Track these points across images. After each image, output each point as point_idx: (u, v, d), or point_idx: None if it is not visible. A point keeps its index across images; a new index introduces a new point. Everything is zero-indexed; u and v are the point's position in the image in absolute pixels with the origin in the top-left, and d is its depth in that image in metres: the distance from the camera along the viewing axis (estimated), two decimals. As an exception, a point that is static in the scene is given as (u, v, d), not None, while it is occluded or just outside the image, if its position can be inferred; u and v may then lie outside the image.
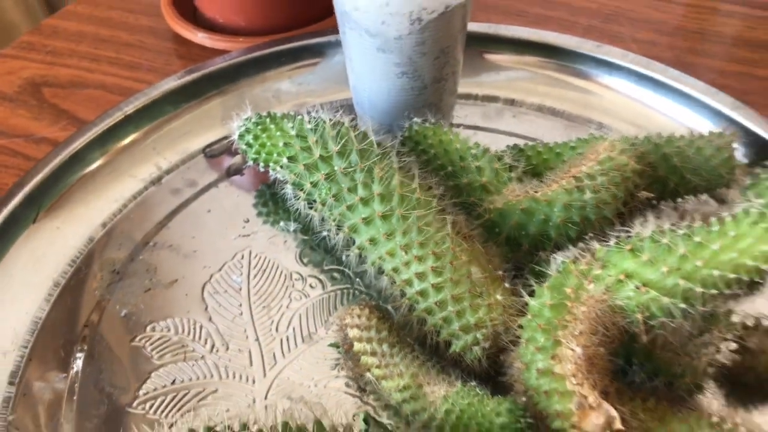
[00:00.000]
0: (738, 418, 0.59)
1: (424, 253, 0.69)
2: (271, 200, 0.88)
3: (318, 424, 0.57)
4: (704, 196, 0.83)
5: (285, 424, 0.57)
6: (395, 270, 0.71)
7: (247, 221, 0.85)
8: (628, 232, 0.63)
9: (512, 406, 0.59)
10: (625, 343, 0.66)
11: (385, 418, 0.68)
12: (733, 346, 0.70)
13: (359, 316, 0.71)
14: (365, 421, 0.55)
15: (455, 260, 0.69)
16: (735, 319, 0.68)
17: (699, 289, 0.59)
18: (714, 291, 0.59)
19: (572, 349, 0.58)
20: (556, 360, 0.58)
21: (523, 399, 0.60)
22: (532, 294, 0.64)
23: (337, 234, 0.75)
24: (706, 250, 0.60)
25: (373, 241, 0.72)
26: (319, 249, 0.82)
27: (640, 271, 0.60)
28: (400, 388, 0.65)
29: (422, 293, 0.69)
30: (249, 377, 0.72)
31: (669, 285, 0.59)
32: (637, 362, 0.67)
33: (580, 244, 0.66)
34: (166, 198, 0.88)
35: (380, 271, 0.73)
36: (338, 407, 0.67)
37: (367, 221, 0.72)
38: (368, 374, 0.68)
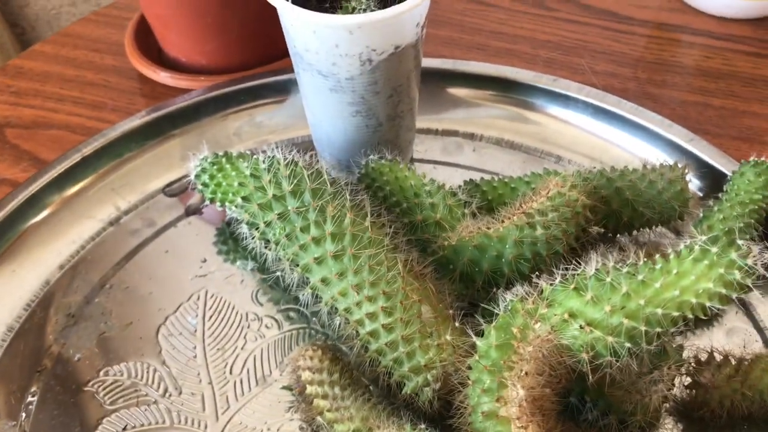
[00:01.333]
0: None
1: (374, 293, 0.69)
2: (230, 239, 0.88)
3: None
4: (660, 228, 0.83)
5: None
6: (347, 310, 0.71)
7: (205, 261, 0.85)
8: (574, 269, 0.63)
9: (459, 448, 0.59)
10: (577, 380, 0.66)
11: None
12: (687, 381, 0.70)
13: (312, 358, 0.70)
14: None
15: (405, 300, 0.68)
16: (687, 353, 0.68)
17: (643, 328, 0.58)
18: (658, 329, 0.59)
19: (516, 392, 0.58)
20: (501, 402, 0.58)
21: (471, 442, 0.60)
22: (481, 334, 0.63)
23: (292, 273, 0.74)
24: (648, 289, 0.60)
25: (325, 281, 0.72)
26: (276, 288, 0.82)
27: (584, 310, 0.60)
28: (351, 431, 0.65)
29: (373, 334, 0.69)
30: (201, 422, 0.71)
31: (613, 324, 0.59)
32: (589, 400, 0.67)
33: (530, 282, 0.66)
34: (124, 238, 0.88)
35: (334, 311, 0.72)
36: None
37: (319, 261, 0.71)
38: (320, 418, 0.67)
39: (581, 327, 0.59)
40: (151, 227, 0.89)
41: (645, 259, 0.62)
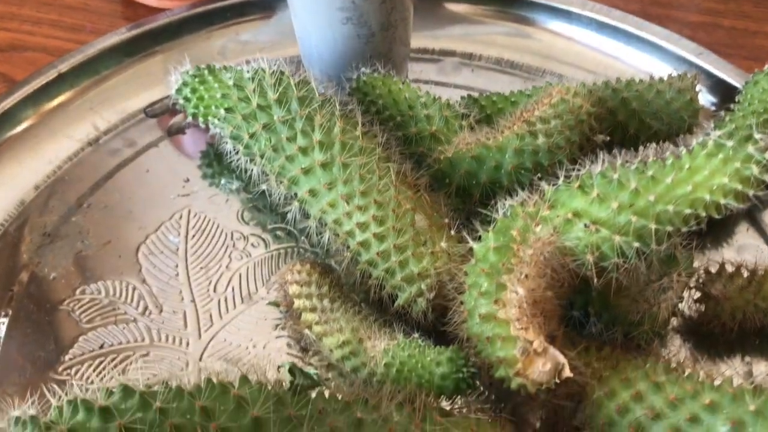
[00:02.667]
0: (699, 365, 0.55)
1: (365, 203, 0.65)
2: (214, 158, 0.83)
3: (243, 379, 0.53)
4: (667, 145, 0.79)
5: (207, 380, 0.52)
6: (337, 222, 0.67)
7: (187, 181, 0.80)
8: (577, 170, 0.59)
9: (453, 355, 0.55)
10: (581, 291, 0.62)
11: (333, 385, 0.64)
12: (696, 294, 0.66)
13: (299, 272, 0.67)
14: (291, 372, 0.51)
15: (398, 208, 0.64)
16: (696, 264, 0.64)
17: (653, 226, 0.55)
18: (669, 228, 0.55)
19: (516, 292, 0.54)
20: (500, 304, 0.54)
21: (467, 347, 0.56)
22: (478, 239, 0.59)
23: (278, 188, 0.70)
24: (659, 185, 0.56)
25: (313, 192, 0.67)
26: (262, 208, 0.78)
27: (590, 209, 0.56)
28: (339, 343, 0.61)
29: (364, 244, 0.65)
30: (183, 340, 0.67)
31: (620, 223, 0.55)
32: (593, 312, 0.63)
33: (530, 188, 0.62)
34: (102, 159, 0.83)
35: (322, 225, 0.68)
36: (277, 368, 0.63)
37: (307, 171, 0.67)
38: (308, 332, 0.63)
39: (586, 226, 0.55)
40: (132, 147, 0.85)
41: (655, 158, 0.58)
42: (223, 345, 0.67)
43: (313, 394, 0.53)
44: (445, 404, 0.57)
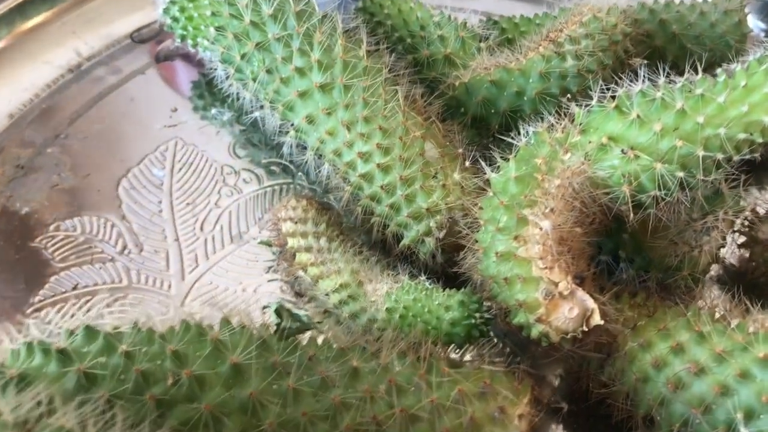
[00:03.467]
0: (750, 315, 0.48)
1: (369, 130, 0.57)
2: (206, 89, 0.76)
3: (223, 321, 0.46)
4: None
5: (183, 323, 0.46)
6: (336, 153, 0.59)
7: (175, 110, 0.73)
8: (614, 90, 0.51)
9: (465, 298, 0.48)
10: (610, 233, 0.54)
11: (327, 329, 0.57)
12: (740, 238, 0.58)
13: (294, 209, 0.59)
14: (277, 313, 0.44)
15: (406, 136, 0.57)
16: (743, 204, 0.57)
17: (700, 153, 0.47)
18: (719, 155, 0.47)
19: (540, 227, 0.46)
20: (520, 241, 0.47)
21: (481, 291, 0.49)
22: (497, 171, 0.52)
23: (272, 116, 0.63)
24: (710, 105, 0.48)
25: (310, 119, 0.60)
26: (256, 141, 0.71)
27: (628, 133, 0.48)
28: (336, 287, 0.54)
29: (366, 176, 0.57)
30: (164, 281, 0.61)
31: (663, 149, 0.47)
32: (624, 256, 0.55)
33: (558, 113, 0.54)
34: (84, 87, 0.76)
35: (321, 157, 0.61)
36: (262, 309, 0.56)
37: (304, 95, 0.60)
38: (302, 274, 0.56)
39: (623, 153, 0.48)
40: (116, 75, 0.77)
41: (704, 75, 0.50)
42: (209, 288, 0.60)
43: (305, 340, 0.46)
44: (455, 355, 0.50)
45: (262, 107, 0.64)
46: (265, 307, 0.45)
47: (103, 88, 0.76)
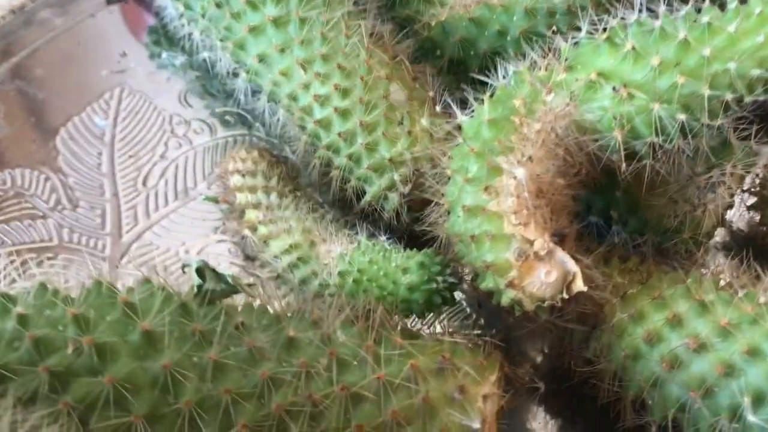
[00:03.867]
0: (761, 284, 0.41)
1: (327, 70, 0.50)
2: (161, 33, 0.68)
3: (143, 283, 0.39)
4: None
5: (94, 283, 0.39)
6: (292, 96, 0.52)
7: (124, 55, 0.66)
8: (605, 22, 0.43)
9: (425, 259, 0.41)
10: (601, 190, 0.47)
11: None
12: (749, 199, 0.51)
13: (244, 161, 0.53)
14: (199, 272, 0.37)
15: (368, 76, 0.50)
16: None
17: (706, 92, 0.40)
18: (728, 95, 0.40)
19: (514, 176, 0.39)
20: (491, 193, 0.40)
21: (446, 251, 0.42)
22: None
23: (223, 54, 0.56)
24: (718, 36, 0.41)
25: (263, 58, 0.53)
26: (211, 90, 0.63)
27: (620, 68, 0.41)
28: (286, 247, 0.47)
29: (323, 123, 0.50)
30: (99, 241, 0.54)
31: (662, 87, 0.40)
32: (616, 217, 0.48)
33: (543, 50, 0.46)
34: (28, 29, 0.69)
35: (276, 102, 0.54)
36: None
37: (256, 31, 0.53)
38: (249, 233, 0.50)
39: (615, 91, 0.41)
40: (63, 17, 0.70)
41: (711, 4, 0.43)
42: (148, 249, 0.54)
43: (240, 306, 0.39)
44: (416, 326, 0.43)
45: (213, 47, 0.57)
46: (185, 266, 0.38)
47: (48, 31, 0.68)
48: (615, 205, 0.48)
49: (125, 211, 0.56)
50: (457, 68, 0.56)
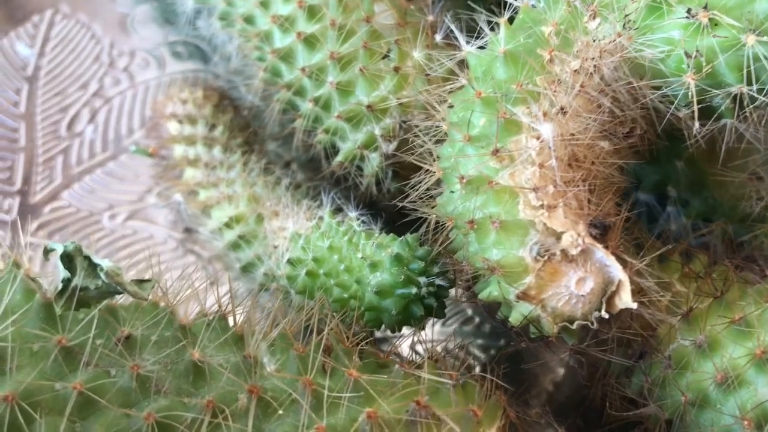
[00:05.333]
0: None
1: None
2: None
3: (10, 265, 0.28)
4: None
5: None
6: (247, 19, 0.40)
7: (62, -32, 0.53)
8: None
9: (403, 250, 0.28)
10: (657, 157, 0.35)
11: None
12: None
13: (184, 102, 0.41)
14: (66, 260, 0.25)
15: None
16: None
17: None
18: None
19: (538, 136, 0.26)
20: (503, 159, 0.27)
21: (434, 239, 0.30)
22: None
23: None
24: None
25: None
26: (164, 13, 0.51)
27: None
28: (226, 220, 0.35)
29: (285, 54, 0.38)
30: (5, 200, 0.42)
31: (762, 11, 0.27)
32: (675, 196, 0.36)
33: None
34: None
35: (229, 25, 0.41)
36: (139, 258, 0.38)
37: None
38: (180, 198, 0.38)
39: (689, 15, 0.28)
40: None
41: None
42: (65, 213, 0.43)
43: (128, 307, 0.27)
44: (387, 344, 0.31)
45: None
46: (48, 251, 0.26)
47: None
48: (673, 179, 0.37)
49: (42, 162, 0.45)
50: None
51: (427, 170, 0.33)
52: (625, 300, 0.27)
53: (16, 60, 0.50)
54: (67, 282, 0.26)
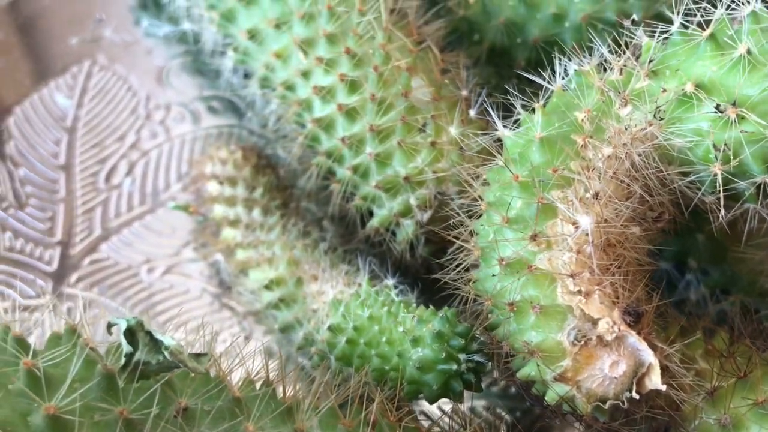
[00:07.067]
0: None
1: (333, 54, 0.41)
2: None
3: (53, 339, 0.29)
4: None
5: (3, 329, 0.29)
6: (288, 85, 0.42)
7: (101, 20, 0.55)
8: (704, 11, 0.32)
9: (444, 327, 0.30)
10: (679, 230, 0.36)
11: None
12: None
13: (224, 163, 0.42)
14: (129, 335, 0.27)
15: (385, 65, 0.39)
16: None
17: None
18: None
19: (574, 223, 0.28)
20: (541, 244, 0.29)
21: (473, 315, 0.31)
22: (515, 126, 0.34)
23: (210, 26, 0.45)
24: None
25: (254, 35, 0.44)
26: (200, 67, 0.53)
27: (727, 79, 0.31)
28: (267, 282, 0.37)
29: (324, 123, 0.40)
30: (45, 252, 0.46)
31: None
32: (695, 266, 0.37)
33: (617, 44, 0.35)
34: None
35: (268, 89, 0.43)
36: (176, 312, 0.40)
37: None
38: (221, 258, 0.39)
39: (718, 110, 0.29)
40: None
41: None
42: (105, 265, 0.45)
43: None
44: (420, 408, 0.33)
45: (199, 17, 0.46)
46: (111, 325, 0.28)
47: (12, -13, 0.58)
48: (694, 251, 0.38)
49: (81, 214, 0.46)
50: (499, 59, 0.45)
51: (462, 246, 0.35)
52: (655, 381, 0.28)
53: (56, 110, 0.51)
54: (130, 356, 0.27)
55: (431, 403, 0.31)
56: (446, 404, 0.35)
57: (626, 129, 0.32)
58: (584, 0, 0.43)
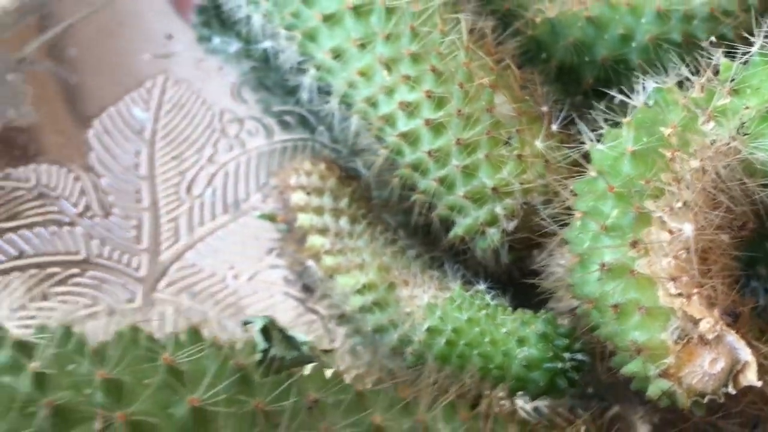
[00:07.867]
0: None
1: (417, 72, 0.42)
2: (213, 14, 0.60)
3: (191, 334, 0.31)
4: None
5: (130, 330, 0.31)
6: (371, 102, 0.44)
7: (170, 38, 0.58)
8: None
9: (548, 329, 0.32)
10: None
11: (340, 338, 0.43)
12: None
13: (309, 174, 0.45)
14: (264, 333, 0.29)
15: (469, 83, 0.41)
16: None
17: None
18: None
19: (671, 230, 0.30)
20: (640, 249, 0.31)
21: (570, 318, 0.33)
22: (599, 140, 0.36)
23: (289, 45, 0.47)
24: None
25: (338, 54, 0.45)
26: (269, 83, 0.55)
27: (813, 96, 0.32)
28: (359, 287, 0.39)
29: (410, 137, 0.42)
30: (133, 258, 0.47)
31: None
32: (764, 274, 0.40)
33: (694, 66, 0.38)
34: (64, 3, 0.61)
35: (348, 106, 0.45)
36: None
37: (331, 20, 0.45)
38: (312, 264, 0.41)
39: (803, 127, 0.31)
40: (103, -10, 0.62)
41: None
42: (191, 272, 0.47)
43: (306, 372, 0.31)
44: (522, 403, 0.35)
45: (275, 35, 0.48)
46: (246, 323, 0.30)
47: (86, 4, 0.60)
48: (763, 260, 0.39)
49: (165, 223, 0.48)
50: (567, 77, 0.47)
51: (552, 251, 0.37)
52: (750, 378, 0.30)
53: (134, 123, 0.53)
54: (264, 352, 0.29)
55: (533, 399, 0.33)
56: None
57: (711, 144, 0.34)
58: (651, 21, 0.45)
